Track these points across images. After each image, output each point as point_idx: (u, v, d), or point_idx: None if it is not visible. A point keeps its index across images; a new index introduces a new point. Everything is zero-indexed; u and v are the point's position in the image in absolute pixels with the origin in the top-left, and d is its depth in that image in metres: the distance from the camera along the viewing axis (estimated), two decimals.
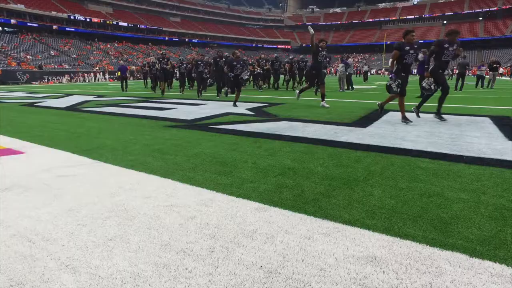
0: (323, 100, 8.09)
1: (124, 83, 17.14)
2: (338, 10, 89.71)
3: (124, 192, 2.55)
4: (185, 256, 1.68)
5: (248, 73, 8.60)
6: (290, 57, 17.83)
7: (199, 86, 12.23)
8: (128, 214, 2.16)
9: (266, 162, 3.27)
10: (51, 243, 1.82)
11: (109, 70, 42.72)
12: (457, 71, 15.87)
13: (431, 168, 3.07)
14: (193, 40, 72.78)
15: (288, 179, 2.78)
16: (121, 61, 34.61)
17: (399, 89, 5.54)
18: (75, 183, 2.78)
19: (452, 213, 2.14)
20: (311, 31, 7.59)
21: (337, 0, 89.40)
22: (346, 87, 14.65)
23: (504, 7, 66.56)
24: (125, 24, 61.11)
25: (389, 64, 5.80)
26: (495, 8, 67.76)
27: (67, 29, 52.78)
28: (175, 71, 15.54)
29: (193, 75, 14.09)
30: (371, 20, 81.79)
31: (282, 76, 16.98)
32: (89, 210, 2.24)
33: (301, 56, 17.47)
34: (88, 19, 55.58)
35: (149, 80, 18.76)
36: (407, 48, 5.55)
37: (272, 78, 16.48)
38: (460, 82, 15.15)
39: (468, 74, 35.54)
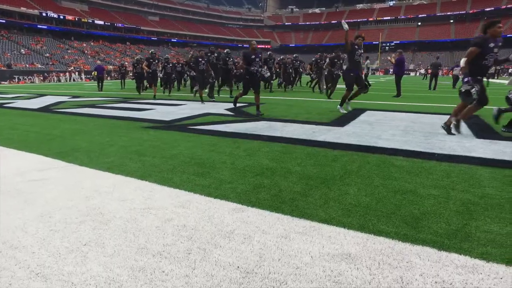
0: (342, 104, 7.00)
1: (100, 83, 16.78)
2: (317, 10, 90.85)
3: (99, 196, 2.50)
4: (161, 258, 1.67)
5: (268, 71, 7.03)
6: (281, 57, 16.77)
7: (201, 87, 9.93)
8: (103, 218, 2.12)
9: (245, 163, 3.28)
10: (20, 250, 1.76)
11: (85, 69, 41.50)
12: (431, 71, 16.42)
13: (405, 166, 3.17)
14: (173, 40, 71.80)
15: (266, 179, 2.80)
16: (98, 61, 33.70)
17: (477, 97, 4.40)
18: (48, 187, 2.70)
19: (423, 209, 2.22)
20: (345, 26, 6.54)
21: (316, 1, 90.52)
22: (325, 87, 14.85)
23: (471, 11, 69.72)
24: (101, 22, 59.52)
25: (462, 63, 4.64)
26: (464, 12, 70.74)
27: (38, 26, 50.74)
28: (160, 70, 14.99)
29: (187, 74, 13.37)
30: (349, 20, 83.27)
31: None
32: (63, 215, 2.18)
33: (294, 55, 15.72)
34: (61, 17, 53.66)
35: (127, 81, 18.31)
36: (492, 45, 4.39)
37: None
38: (433, 82, 15.69)
39: (441, 75, 36.80)
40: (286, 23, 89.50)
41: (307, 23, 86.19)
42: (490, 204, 2.30)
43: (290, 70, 14.46)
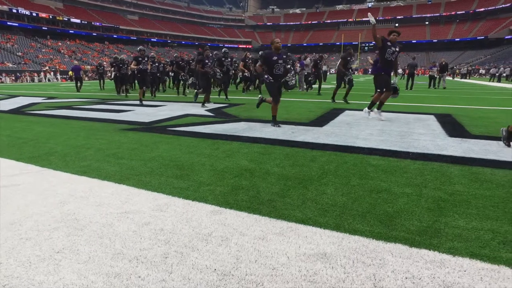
0: (379, 108, 6.32)
1: (78, 84, 16.36)
2: (297, 10, 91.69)
3: (75, 201, 2.44)
4: (138, 263, 1.65)
5: (294, 77, 5.64)
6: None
7: (207, 90, 8.56)
8: (78, 224, 2.07)
9: (224, 164, 3.28)
10: None
11: (61, 69, 40.26)
12: (408, 72, 16.91)
13: (381, 165, 3.25)
14: (152, 39, 70.79)
15: (244, 180, 2.82)
16: (75, 61, 32.74)
17: None
18: (20, 193, 2.61)
19: (397, 207, 2.29)
20: (372, 19, 5.71)
21: (296, 1, 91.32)
22: (305, 87, 15.03)
23: (445, 14, 72.42)
24: (77, 21, 57.91)
25: None
26: (438, 14, 73.40)
27: (8, 23, 48.66)
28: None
29: (182, 75, 12.19)
30: (329, 21, 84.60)
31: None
32: (35, 222, 2.11)
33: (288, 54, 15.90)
34: (34, 14, 51.73)
35: (107, 81, 17.72)
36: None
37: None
38: (410, 81, 16.16)
39: (417, 75, 37.85)
40: (267, 23, 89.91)
41: (288, 23, 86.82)
42: (459, 200, 2.40)
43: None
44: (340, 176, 2.92)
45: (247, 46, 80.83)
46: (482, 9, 69.38)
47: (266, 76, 5.37)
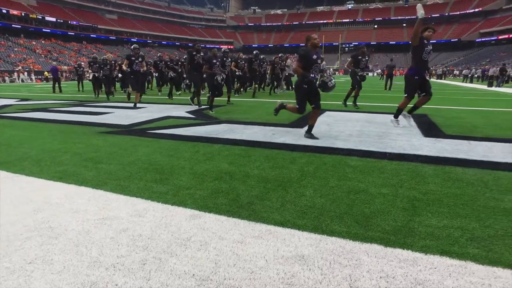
0: (410, 112, 5.60)
1: (56, 85, 15.90)
2: (279, 11, 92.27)
3: (50, 208, 2.38)
4: (115, 271, 1.63)
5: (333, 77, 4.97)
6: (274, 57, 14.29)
7: (214, 93, 7.54)
8: (53, 232, 2.02)
9: (204, 167, 3.28)
10: None
11: (36, 69, 38.90)
12: (386, 72, 17.34)
13: (359, 166, 3.33)
14: (132, 39, 69.43)
15: (224, 183, 2.82)
16: (53, 62, 31.68)
17: None
18: None
19: (374, 207, 2.35)
20: (421, 11, 5.03)
21: (278, 2, 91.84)
22: (285, 88, 15.13)
23: None
24: (52, 19, 56.09)
25: None
26: (415, 17, 75.60)
27: None
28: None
29: (171, 75, 11.28)
30: (310, 22, 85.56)
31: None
32: (5, 232, 2.05)
33: (280, 55, 14.26)
34: (4, 10, 49.61)
35: (86, 82, 17.09)
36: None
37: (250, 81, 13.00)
38: (388, 82, 16.58)
39: (395, 75, 38.81)
40: (249, 24, 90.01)
41: (269, 24, 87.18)
42: (432, 199, 2.48)
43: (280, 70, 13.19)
44: (319, 177, 2.97)
45: (229, 47, 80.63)
46: (455, 13, 72.07)
47: (312, 76, 4.53)
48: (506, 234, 1.97)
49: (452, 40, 69.13)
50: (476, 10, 68.90)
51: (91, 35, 62.19)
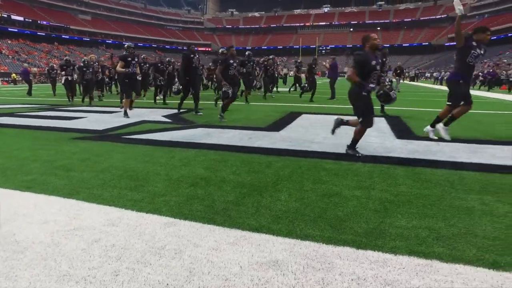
0: (447, 124, 4.97)
1: (28, 88, 15.35)
2: (256, 14, 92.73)
3: (16, 220, 2.28)
4: (86, 284, 1.59)
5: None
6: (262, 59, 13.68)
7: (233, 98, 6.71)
8: (19, 246, 1.95)
9: (179, 173, 3.25)
10: None
11: (2, 71, 37.15)
12: None
13: (334, 169, 3.40)
14: (107, 41, 67.84)
15: (200, 189, 2.81)
16: (25, 64, 30.24)
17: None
18: None
19: (347, 210, 2.41)
20: (459, 8, 4.51)
21: (255, 5, 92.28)
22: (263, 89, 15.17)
23: (394, 20, 77.67)
24: (20, 18, 53.65)
25: None
26: (388, 21, 78.45)
27: None
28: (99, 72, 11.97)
29: (160, 79, 10.43)
30: (287, 24, 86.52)
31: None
32: None
33: (271, 56, 13.35)
34: None
35: (59, 85, 15.95)
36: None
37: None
38: None
39: None
40: (227, 26, 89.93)
41: (247, 26, 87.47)
42: (402, 201, 2.58)
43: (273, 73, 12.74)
44: (294, 181, 3.01)
45: (207, 49, 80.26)
46: (426, 18, 75.06)
47: (371, 86, 3.81)
48: (468, 232, 2.08)
49: (423, 43, 71.96)
50: (444, 16, 72.29)
51: (63, 36, 60.05)
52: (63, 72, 12.32)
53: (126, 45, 7.55)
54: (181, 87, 7.90)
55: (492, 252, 1.85)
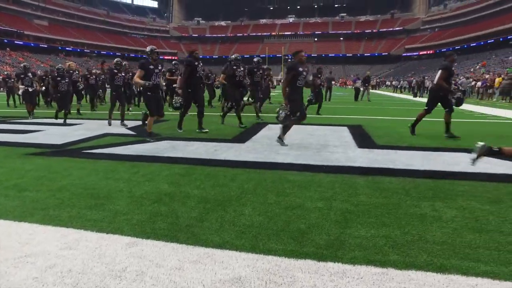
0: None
1: None
2: (223, 23, 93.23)
3: None
4: None
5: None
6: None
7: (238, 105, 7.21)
8: None
9: (143, 189, 3.18)
10: None
11: None
12: (326, 84, 18.36)
13: (297, 181, 3.47)
14: (67, 48, 65.04)
15: (163, 206, 2.76)
16: None
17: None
18: None
19: (309, 222, 2.48)
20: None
21: (221, 14, 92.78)
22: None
23: (356, 31, 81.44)
24: None
25: None
26: (350, 31, 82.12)
27: None
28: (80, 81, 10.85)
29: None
30: (254, 34, 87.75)
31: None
32: None
33: (266, 67, 11.73)
34: None
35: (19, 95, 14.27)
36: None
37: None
38: (328, 93, 17.58)
39: (335, 85, 41.29)
40: (193, 35, 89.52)
41: (214, 35, 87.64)
42: (362, 210, 2.69)
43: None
44: (258, 194, 3.04)
45: (173, 58, 79.24)
46: (384, 30, 79.37)
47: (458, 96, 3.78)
48: (420, 238, 2.21)
49: (383, 53, 75.91)
50: (400, 28, 76.98)
51: (16, 42, 56.68)
52: (19, 82, 11.00)
53: (148, 49, 5.84)
54: (182, 101, 6.62)
55: (440, 257, 1.98)
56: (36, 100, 11.67)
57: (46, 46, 60.90)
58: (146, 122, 5.87)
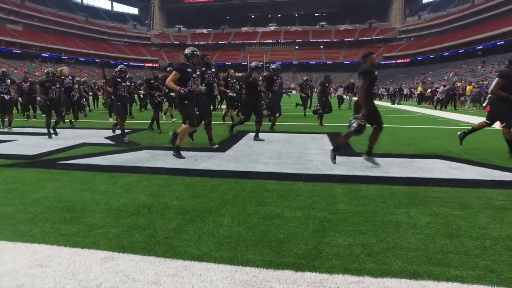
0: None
1: None
2: (204, 31, 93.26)
3: None
4: None
5: None
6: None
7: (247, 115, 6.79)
8: None
9: (120, 201, 3.11)
10: None
11: None
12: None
13: (277, 190, 3.49)
14: (43, 54, 63.25)
15: (141, 218, 2.72)
16: None
17: None
18: None
19: (287, 232, 2.49)
20: None
21: (203, 21, 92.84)
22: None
23: (335, 40, 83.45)
24: None
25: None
26: (330, 40, 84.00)
27: None
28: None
29: (157, 95, 8.28)
30: (235, 41, 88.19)
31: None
32: None
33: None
34: None
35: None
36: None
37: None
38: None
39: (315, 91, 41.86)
40: (174, 42, 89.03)
41: (195, 42, 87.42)
42: (340, 219, 2.73)
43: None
44: (237, 204, 3.04)
45: (154, 65, 78.51)
46: (363, 38, 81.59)
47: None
48: (396, 246, 2.27)
49: (362, 62, 77.90)
50: (379, 37, 79.48)
51: None
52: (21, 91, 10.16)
53: (189, 51, 5.05)
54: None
55: (414, 263, 2.04)
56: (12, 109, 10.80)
57: (20, 52, 59.01)
58: (173, 143, 5.07)
